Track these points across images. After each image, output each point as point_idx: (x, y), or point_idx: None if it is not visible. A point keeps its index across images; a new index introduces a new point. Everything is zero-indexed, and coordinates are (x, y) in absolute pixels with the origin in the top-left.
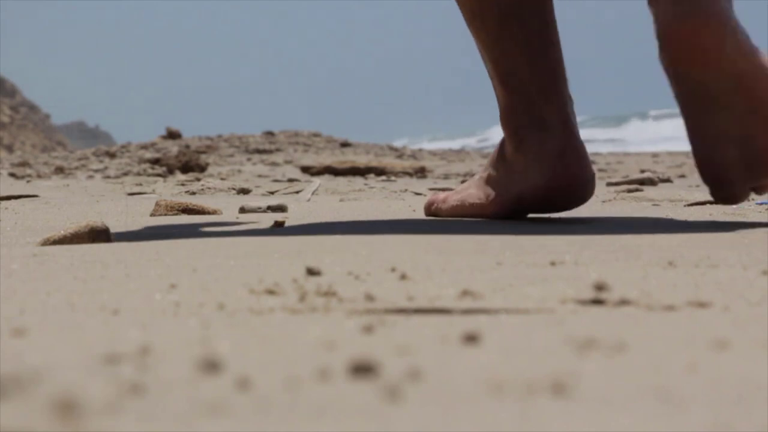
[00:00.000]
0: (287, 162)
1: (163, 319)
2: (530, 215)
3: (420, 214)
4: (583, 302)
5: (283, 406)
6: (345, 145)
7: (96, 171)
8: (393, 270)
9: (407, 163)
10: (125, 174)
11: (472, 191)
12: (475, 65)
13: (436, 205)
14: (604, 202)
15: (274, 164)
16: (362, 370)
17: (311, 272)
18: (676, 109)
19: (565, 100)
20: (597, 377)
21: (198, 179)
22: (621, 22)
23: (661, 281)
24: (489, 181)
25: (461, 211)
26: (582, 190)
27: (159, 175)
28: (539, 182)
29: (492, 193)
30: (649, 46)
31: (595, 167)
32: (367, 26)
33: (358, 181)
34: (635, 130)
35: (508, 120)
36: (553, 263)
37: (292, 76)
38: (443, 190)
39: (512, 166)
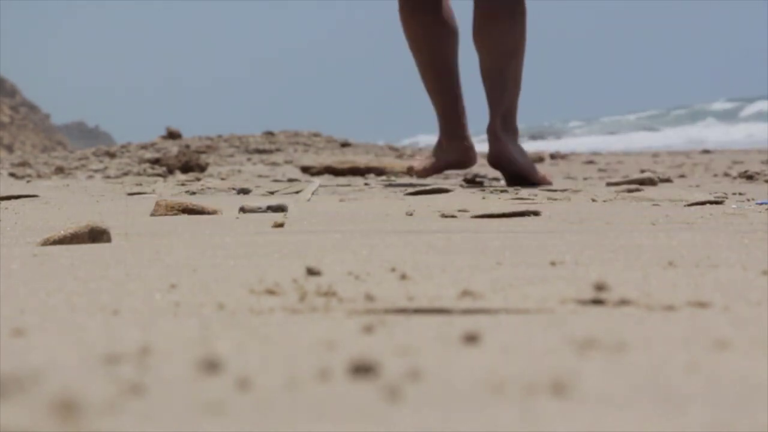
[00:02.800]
0: (287, 162)
1: (163, 319)
2: (531, 215)
3: (420, 214)
4: (583, 302)
5: (283, 406)
6: (345, 145)
7: (96, 171)
8: (393, 270)
9: (407, 163)
10: (125, 174)
11: (425, 161)
12: (475, 67)
13: (412, 170)
14: (604, 201)
15: (274, 164)
16: (362, 370)
17: (311, 272)
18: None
19: (466, 124)
20: (597, 377)
21: (198, 179)
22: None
23: (661, 281)
24: (433, 154)
25: (420, 173)
26: (468, 165)
27: (159, 175)
28: (451, 159)
29: (433, 160)
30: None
31: (594, 167)
32: (367, 26)
33: (358, 181)
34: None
35: (442, 128)
36: (553, 263)
37: (292, 76)
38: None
39: (442, 147)
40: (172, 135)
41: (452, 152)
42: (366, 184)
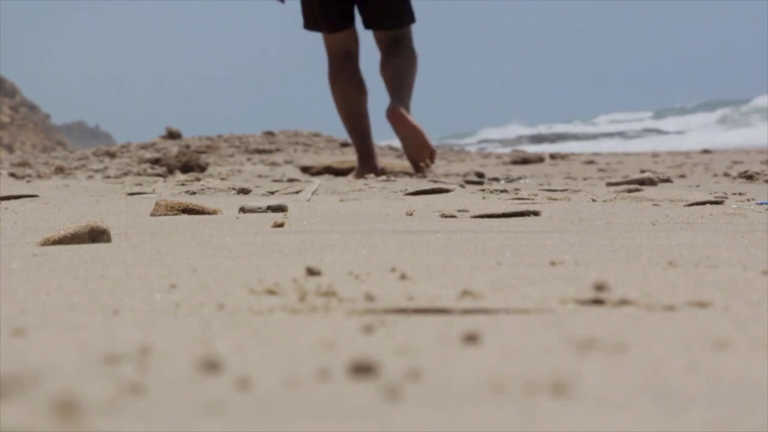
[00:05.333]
0: (287, 162)
1: (163, 319)
2: (531, 215)
3: (420, 214)
4: (583, 302)
5: (283, 406)
6: (345, 145)
7: (96, 171)
8: (393, 270)
9: (407, 163)
10: (125, 174)
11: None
12: (474, 67)
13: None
14: (604, 202)
15: (274, 164)
16: (362, 370)
17: (311, 272)
18: None
19: (374, 153)
20: (597, 377)
21: (198, 179)
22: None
23: (661, 281)
24: (357, 169)
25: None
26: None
27: (159, 175)
28: (365, 173)
29: (357, 171)
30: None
31: (594, 167)
32: None
33: (358, 181)
34: None
35: (359, 156)
36: (553, 263)
37: (292, 76)
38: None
39: (360, 167)
40: (172, 135)
41: (366, 169)
42: (366, 184)
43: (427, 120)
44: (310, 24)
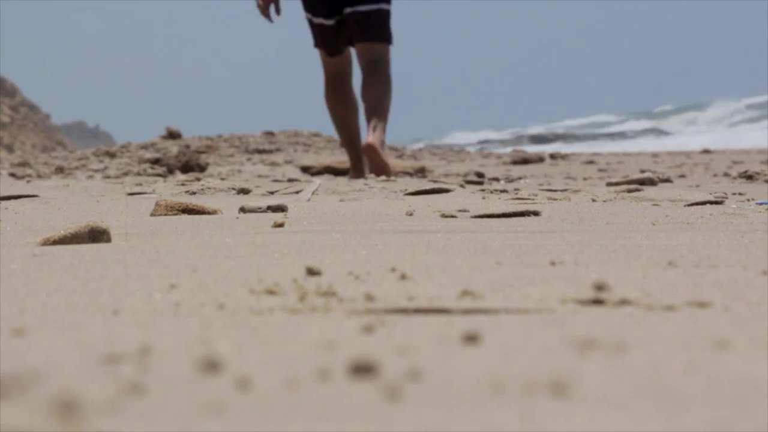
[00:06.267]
0: (287, 162)
1: (163, 319)
2: (531, 215)
3: (420, 214)
4: (583, 302)
5: (283, 406)
6: None
7: (96, 171)
8: (393, 270)
9: (407, 163)
10: (125, 174)
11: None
12: (474, 68)
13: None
14: (604, 202)
15: (274, 164)
16: (362, 370)
17: (311, 272)
18: None
19: (364, 161)
20: (597, 377)
21: (198, 179)
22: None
23: (661, 281)
24: (351, 171)
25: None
26: (381, 173)
27: (159, 175)
28: (356, 175)
29: (352, 173)
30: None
31: (594, 167)
32: None
33: (358, 181)
34: None
35: (351, 163)
36: (553, 263)
37: (292, 76)
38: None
39: (353, 171)
40: (172, 135)
41: (357, 175)
42: (366, 184)
43: (397, 122)
44: (317, 44)
